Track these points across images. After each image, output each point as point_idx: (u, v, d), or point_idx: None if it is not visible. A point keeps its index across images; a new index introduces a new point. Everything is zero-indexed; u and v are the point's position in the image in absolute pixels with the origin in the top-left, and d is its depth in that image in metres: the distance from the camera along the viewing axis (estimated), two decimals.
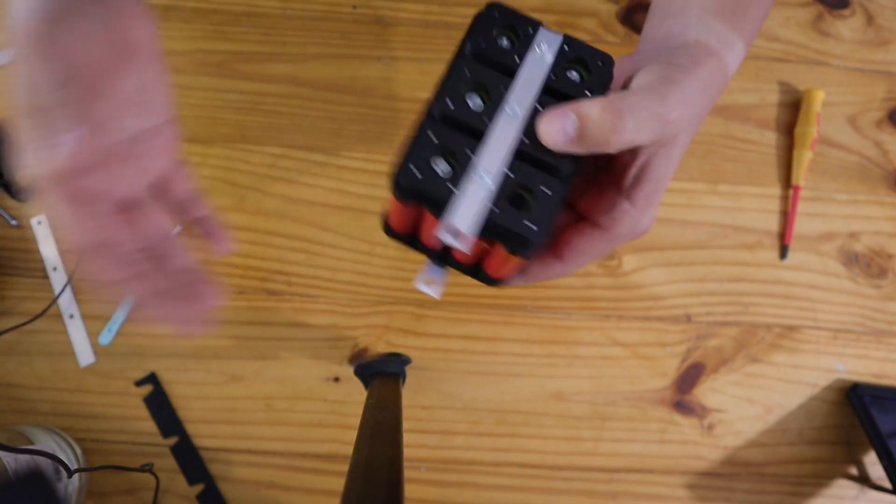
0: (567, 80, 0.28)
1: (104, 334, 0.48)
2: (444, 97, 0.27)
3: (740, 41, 0.31)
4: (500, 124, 0.27)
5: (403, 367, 0.48)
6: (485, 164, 0.26)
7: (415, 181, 0.26)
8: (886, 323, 0.53)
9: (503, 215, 0.26)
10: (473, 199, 0.26)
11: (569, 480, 0.49)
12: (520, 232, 0.26)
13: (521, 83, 0.28)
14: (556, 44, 0.29)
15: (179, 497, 0.47)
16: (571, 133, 0.26)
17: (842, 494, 0.50)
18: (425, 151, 0.26)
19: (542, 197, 0.26)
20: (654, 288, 0.52)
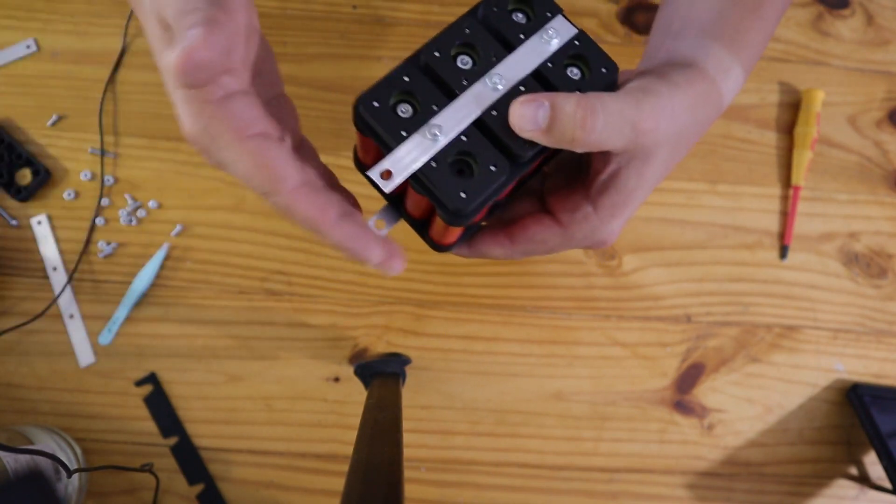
0: (563, 73, 0.28)
1: (104, 334, 0.48)
2: (433, 46, 0.27)
3: (739, 67, 0.30)
4: (476, 90, 0.27)
5: (403, 367, 0.48)
6: (443, 121, 0.26)
7: (371, 112, 0.26)
8: (886, 323, 0.53)
9: (439, 175, 0.26)
10: (417, 150, 0.26)
11: (569, 480, 0.49)
12: (448, 197, 0.26)
13: (515, 59, 0.28)
14: (567, 35, 0.28)
15: (179, 497, 0.47)
16: (541, 122, 0.26)
17: (842, 494, 0.50)
18: (392, 88, 0.26)
19: (486, 172, 0.26)
20: (654, 288, 0.52)
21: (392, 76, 0.26)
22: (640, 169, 0.29)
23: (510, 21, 0.28)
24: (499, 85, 0.27)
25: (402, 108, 0.26)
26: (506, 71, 0.27)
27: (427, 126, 0.26)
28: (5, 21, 0.53)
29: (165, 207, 0.51)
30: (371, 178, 0.26)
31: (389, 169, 0.25)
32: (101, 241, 0.50)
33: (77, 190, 0.50)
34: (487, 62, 0.27)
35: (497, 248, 0.32)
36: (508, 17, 0.28)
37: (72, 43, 0.53)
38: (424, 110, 0.26)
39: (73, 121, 0.51)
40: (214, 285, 0.50)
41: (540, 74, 0.28)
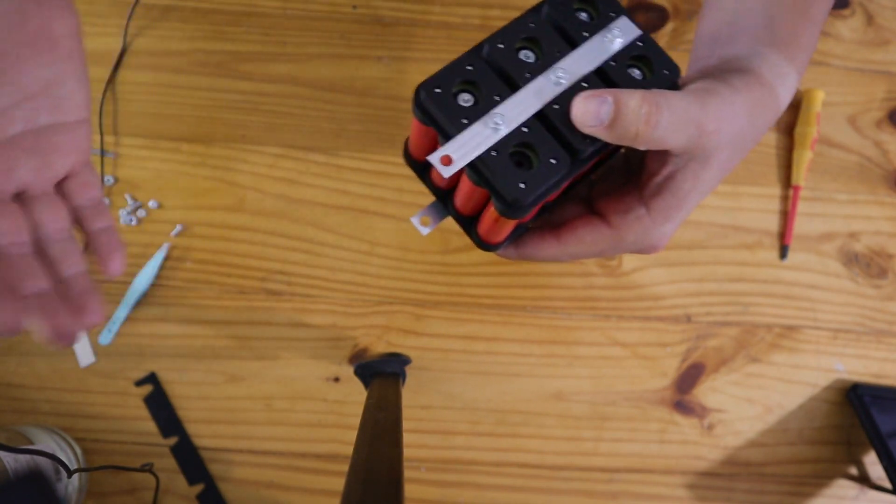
0: (625, 72, 0.28)
1: (104, 334, 0.48)
2: (498, 38, 0.27)
3: (794, 72, 0.30)
4: (539, 83, 0.27)
5: (403, 367, 0.48)
6: (505, 111, 0.26)
7: (433, 99, 0.26)
8: (886, 323, 0.53)
9: (497, 165, 0.26)
10: (478, 137, 0.26)
11: (569, 480, 0.49)
12: (507, 187, 0.26)
13: (578, 56, 0.28)
14: (631, 35, 0.28)
15: (179, 497, 0.47)
16: (604, 118, 0.25)
17: (842, 494, 0.50)
18: (455, 76, 0.26)
19: (546, 165, 0.26)
20: (654, 288, 0.52)
21: (455, 64, 0.26)
22: (697, 171, 0.29)
23: (574, 19, 0.28)
24: (562, 80, 0.27)
25: (464, 98, 0.26)
26: (569, 66, 0.27)
27: (489, 115, 0.26)
28: None
29: (165, 207, 0.51)
30: (431, 162, 0.25)
31: (450, 154, 0.25)
32: None
33: None
34: (551, 57, 0.27)
35: (545, 248, 0.32)
36: (573, 15, 0.28)
37: None
38: (486, 100, 0.26)
39: None
40: (214, 285, 0.50)
41: (602, 72, 0.28)
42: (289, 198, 0.51)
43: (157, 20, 0.53)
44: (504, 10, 0.56)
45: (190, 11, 0.54)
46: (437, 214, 0.31)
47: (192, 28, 0.53)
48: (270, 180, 0.52)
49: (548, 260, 0.33)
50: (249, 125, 0.52)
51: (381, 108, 0.53)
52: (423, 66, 0.54)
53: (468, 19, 0.55)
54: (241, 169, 0.52)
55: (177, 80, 0.53)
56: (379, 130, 0.53)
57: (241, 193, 0.51)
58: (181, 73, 0.53)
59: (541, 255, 0.33)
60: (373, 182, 0.52)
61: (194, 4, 0.54)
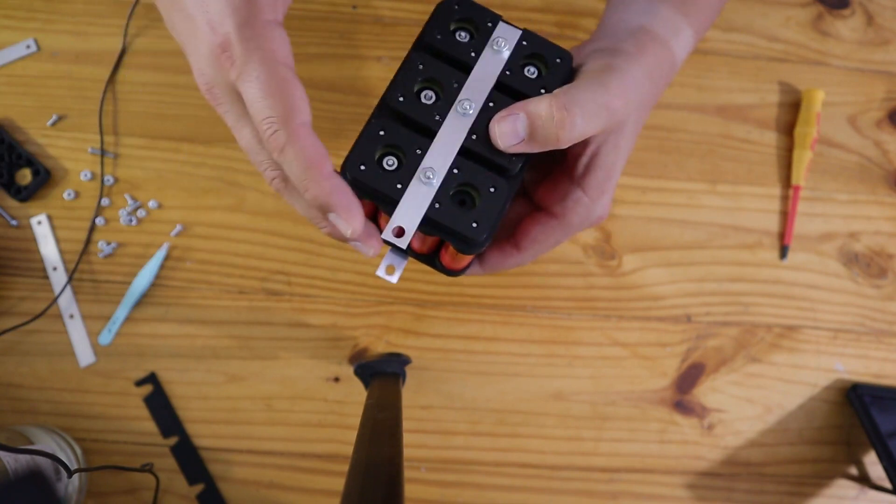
0: (522, 76, 0.28)
1: (104, 334, 0.48)
2: (396, 91, 0.27)
3: (689, 28, 0.31)
4: (450, 121, 0.27)
5: (403, 367, 0.48)
6: (431, 161, 0.26)
7: (360, 175, 0.26)
8: (886, 323, 0.53)
9: (447, 214, 0.26)
10: (417, 197, 0.26)
11: (569, 480, 0.49)
12: (462, 231, 0.26)
13: (475, 79, 0.28)
14: (514, 37, 0.29)
15: (179, 497, 0.47)
16: (522, 134, 0.26)
17: (842, 494, 0.50)
18: (372, 146, 0.26)
19: (488, 196, 0.26)
20: (654, 288, 0.52)
21: (368, 134, 0.27)
22: (615, 143, 0.30)
23: (457, 43, 0.28)
24: (469, 110, 0.27)
25: (388, 162, 0.26)
26: (471, 94, 0.27)
27: (419, 171, 0.26)
28: (5, 21, 0.53)
29: (165, 207, 0.51)
30: (387, 241, 0.26)
31: (400, 226, 0.26)
32: (101, 241, 0.50)
33: (77, 190, 0.50)
34: (450, 90, 0.27)
35: (508, 259, 0.33)
36: (454, 40, 0.29)
37: (72, 43, 0.53)
38: (410, 157, 0.26)
39: (73, 121, 0.51)
40: (214, 285, 0.50)
41: (503, 85, 0.28)
42: None
43: (158, 20, 0.53)
44: (504, 11, 0.56)
45: None
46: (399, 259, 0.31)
47: None
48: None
49: (513, 267, 0.34)
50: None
51: None
52: None
53: None
54: (241, 169, 0.52)
55: (177, 80, 0.53)
56: None
57: (241, 193, 0.51)
58: (181, 73, 0.53)
59: (506, 266, 0.34)
60: None
61: None
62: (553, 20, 0.56)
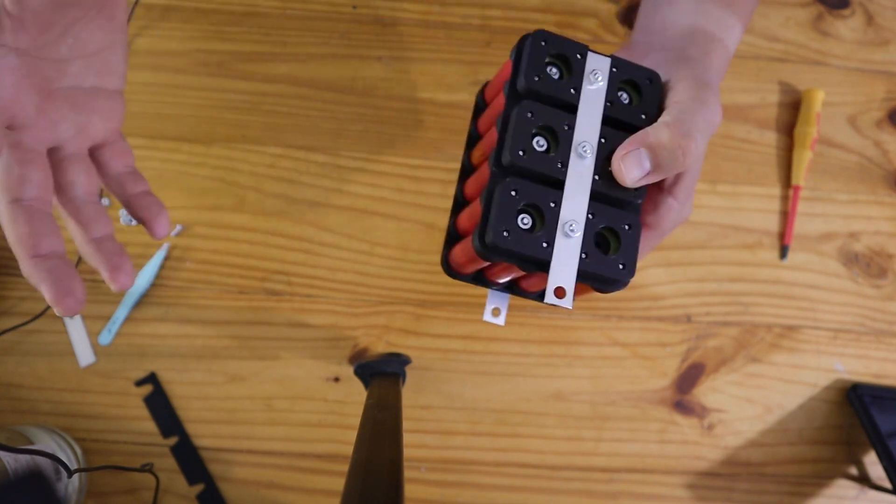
0: (621, 105, 0.28)
1: (104, 334, 0.48)
2: (516, 147, 0.26)
3: (738, 23, 0.32)
4: (574, 167, 0.27)
5: (403, 367, 0.48)
6: (569, 213, 0.26)
7: (505, 243, 0.25)
8: (886, 323, 0.53)
9: (594, 262, 0.26)
10: (566, 252, 0.26)
11: (569, 480, 0.49)
12: (612, 276, 0.26)
13: (583, 118, 0.27)
14: (606, 68, 0.28)
15: (179, 497, 0.47)
16: (647, 166, 0.26)
17: (842, 494, 0.50)
18: (509, 209, 0.26)
19: (626, 235, 0.27)
20: (654, 288, 0.52)
21: (503, 198, 0.26)
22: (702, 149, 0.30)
23: (555, 83, 0.28)
24: (587, 151, 0.27)
25: (524, 221, 0.26)
26: (584, 134, 0.27)
27: (562, 226, 0.26)
28: None
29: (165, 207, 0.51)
30: (551, 303, 0.26)
31: (561, 286, 0.25)
32: None
33: None
34: (564, 134, 0.27)
35: None
36: (553, 80, 0.28)
37: None
38: (547, 212, 0.26)
39: None
40: (214, 285, 0.50)
41: (608, 119, 0.28)
42: (289, 198, 0.51)
43: (157, 20, 0.53)
44: (504, 10, 0.56)
45: (190, 11, 0.54)
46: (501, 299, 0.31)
47: (193, 28, 0.53)
48: (270, 180, 0.52)
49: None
50: (249, 125, 0.52)
51: (381, 108, 0.53)
52: (423, 66, 0.54)
53: (468, 19, 0.55)
54: (241, 169, 0.52)
55: (177, 80, 0.53)
56: (379, 130, 0.53)
57: (241, 193, 0.51)
58: (181, 73, 0.53)
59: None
60: (373, 182, 0.52)
61: (194, 4, 0.54)
62: (553, 20, 0.56)
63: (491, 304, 0.31)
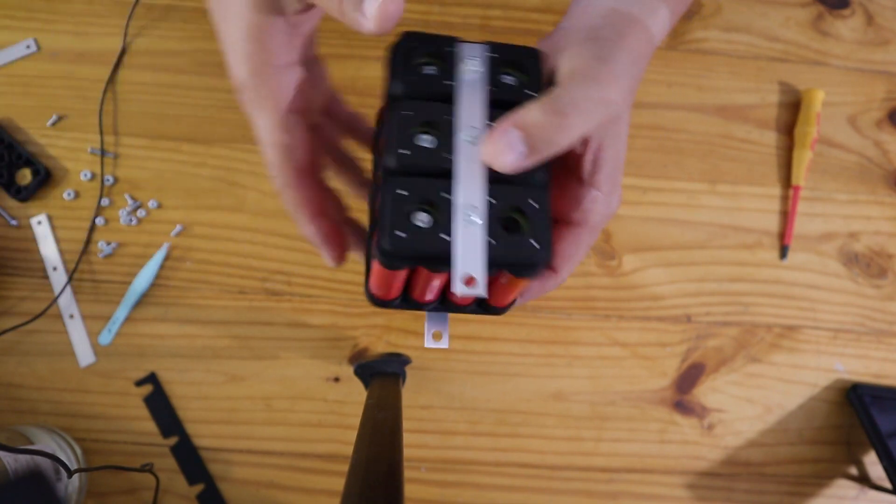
0: (507, 86, 0.27)
1: (104, 334, 0.48)
2: (397, 147, 0.25)
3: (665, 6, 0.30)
4: (462, 155, 0.25)
5: (403, 367, 0.48)
6: (464, 200, 0.25)
7: (404, 245, 0.24)
8: (886, 323, 0.53)
9: (505, 245, 0.24)
10: (470, 240, 0.24)
11: (569, 480, 0.49)
12: (526, 256, 0.25)
13: (466, 105, 0.26)
14: (482, 54, 0.28)
15: (179, 497, 0.47)
16: (521, 148, 0.24)
17: (842, 494, 0.50)
18: (403, 210, 0.24)
19: (534, 212, 0.25)
20: (654, 288, 0.52)
21: (392, 201, 0.25)
22: (616, 133, 0.29)
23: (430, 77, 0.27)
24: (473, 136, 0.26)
25: (422, 220, 0.25)
26: (469, 121, 0.26)
27: (460, 213, 0.24)
28: (5, 21, 0.53)
29: (165, 207, 0.51)
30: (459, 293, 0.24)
31: (469, 275, 0.24)
32: (101, 241, 0.50)
33: (77, 190, 0.50)
34: (446, 126, 0.26)
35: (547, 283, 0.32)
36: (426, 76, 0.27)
37: (72, 43, 0.53)
38: (441, 205, 0.25)
39: (73, 121, 0.51)
40: (214, 285, 0.50)
41: (494, 101, 0.27)
42: None
43: (157, 20, 0.53)
44: (504, 10, 0.56)
45: (190, 11, 0.54)
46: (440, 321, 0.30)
47: (193, 28, 0.53)
48: (270, 180, 0.52)
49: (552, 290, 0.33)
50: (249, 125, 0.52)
51: None
52: None
53: (468, 19, 0.55)
54: (241, 169, 0.52)
55: (177, 80, 0.53)
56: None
57: (241, 193, 0.51)
58: (181, 73, 0.53)
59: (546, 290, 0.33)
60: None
61: (194, 4, 0.54)
62: (553, 20, 0.56)
63: (430, 327, 0.30)
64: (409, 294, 0.30)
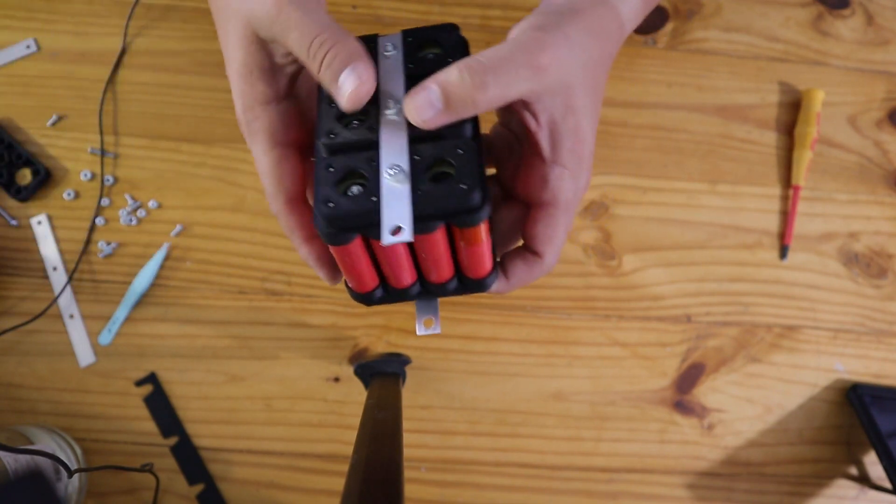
0: (426, 61, 0.28)
1: (104, 334, 0.48)
2: (322, 132, 0.27)
3: None
4: (386, 125, 0.27)
5: (403, 367, 0.48)
6: (390, 157, 0.26)
7: (333, 213, 0.25)
8: (886, 323, 0.53)
9: (433, 195, 0.25)
10: (396, 194, 0.25)
11: (569, 480, 0.49)
12: (458, 202, 0.25)
13: (386, 82, 0.28)
14: (398, 40, 0.29)
15: (179, 497, 0.47)
16: (438, 104, 0.25)
17: (842, 494, 0.50)
18: (331, 183, 0.26)
19: (460, 158, 0.26)
20: (654, 288, 0.52)
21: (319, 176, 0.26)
22: (568, 104, 0.28)
23: None
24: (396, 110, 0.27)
25: (353, 190, 0.26)
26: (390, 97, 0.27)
27: (384, 170, 0.25)
28: (5, 21, 0.53)
29: (165, 207, 0.51)
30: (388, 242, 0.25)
31: (396, 224, 0.24)
32: (101, 241, 0.50)
33: (77, 190, 0.50)
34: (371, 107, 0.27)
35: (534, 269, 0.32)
36: None
37: (72, 43, 0.53)
38: (369, 173, 0.26)
39: (73, 121, 0.51)
40: (214, 285, 0.50)
41: (414, 76, 0.28)
42: None
43: (157, 20, 0.53)
44: (504, 10, 0.56)
45: (190, 11, 0.54)
46: (430, 307, 0.31)
47: (192, 28, 0.53)
48: None
49: (542, 276, 0.33)
50: None
51: None
52: None
53: (468, 19, 0.55)
54: (241, 169, 0.52)
55: (177, 80, 0.53)
56: None
57: (241, 193, 0.51)
58: (181, 73, 0.53)
59: (535, 276, 0.33)
60: None
61: (194, 4, 0.54)
62: None
63: (421, 316, 0.30)
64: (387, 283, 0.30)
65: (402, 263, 0.28)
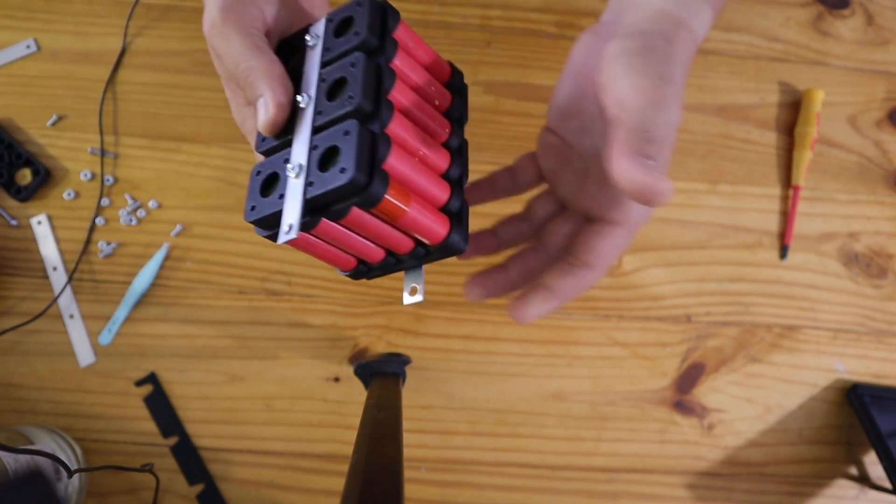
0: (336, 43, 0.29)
1: (104, 334, 0.48)
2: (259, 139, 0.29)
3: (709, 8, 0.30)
4: (301, 122, 0.28)
5: (403, 367, 0.48)
6: (294, 161, 0.27)
7: (254, 215, 0.27)
8: (886, 323, 0.53)
9: (318, 184, 0.25)
10: (295, 191, 0.26)
11: (569, 480, 0.49)
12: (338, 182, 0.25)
13: (307, 76, 0.29)
14: (321, 25, 0.30)
15: (179, 497, 0.47)
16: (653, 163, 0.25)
17: (842, 494, 0.50)
18: (255, 188, 0.28)
19: (344, 141, 0.26)
20: (654, 288, 0.52)
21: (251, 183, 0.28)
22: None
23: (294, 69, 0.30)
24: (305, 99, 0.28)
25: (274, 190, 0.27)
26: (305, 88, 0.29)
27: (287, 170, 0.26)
28: (5, 21, 0.53)
29: (165, 207, 0.51)
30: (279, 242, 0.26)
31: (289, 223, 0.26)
32: (101, 241, 0.50)
33: (77, 190, 0.50)
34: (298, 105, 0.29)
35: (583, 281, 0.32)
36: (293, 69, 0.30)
37: (72, 43, 0.53)
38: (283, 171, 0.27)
39: (73, 121, 0.51)
40: (214, 285, 0.50)
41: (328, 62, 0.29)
42: None
43: (157, 20, 0.53)
44: (504, 10, 0.56)
45: (190, 11, 0.54)
46: (415, 275, 0.32)
47: (192, 28, 0.53)
48: None
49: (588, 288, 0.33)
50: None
51: None
52: None
53: (468, 19, 0.55)
54: (241, 169, 0.52)
55: (177, 80, 0.53)
56: None
57: (241, 193, 0.51)
58: (181, 73, 0.53)
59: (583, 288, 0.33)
60: None
61: (194, 4, 0.54)
62: (553, 20, 0.56)
63: (407, 283, 0.31)
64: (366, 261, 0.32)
65: (353, 244, 0.29)
